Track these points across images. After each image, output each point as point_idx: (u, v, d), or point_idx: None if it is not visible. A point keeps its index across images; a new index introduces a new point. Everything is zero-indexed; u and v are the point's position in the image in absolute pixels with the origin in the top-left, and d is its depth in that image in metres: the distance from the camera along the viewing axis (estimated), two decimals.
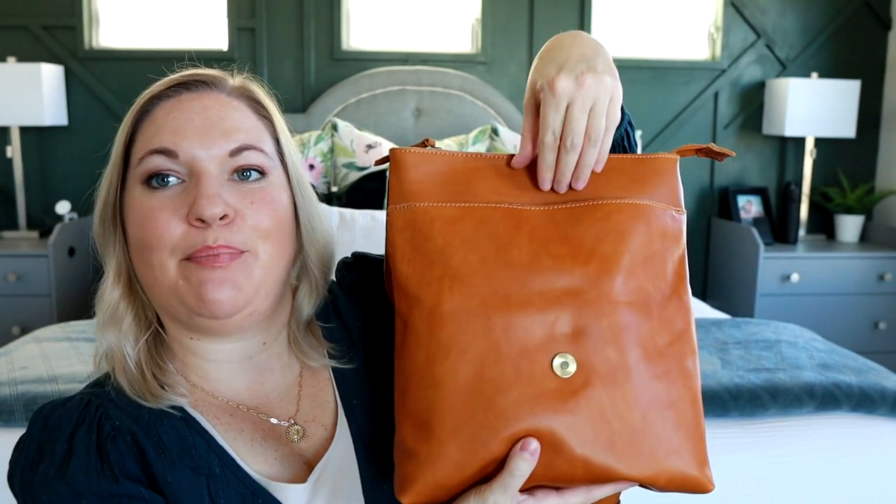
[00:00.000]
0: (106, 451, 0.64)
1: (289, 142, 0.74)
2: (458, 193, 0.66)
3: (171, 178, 0.66)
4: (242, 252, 0.66)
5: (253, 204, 0.67)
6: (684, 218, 0.68)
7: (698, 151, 0.69)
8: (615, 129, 0.66)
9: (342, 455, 0.71)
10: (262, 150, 0.70)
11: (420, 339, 0.62)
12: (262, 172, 0.69)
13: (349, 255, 0.84)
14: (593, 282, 0.62)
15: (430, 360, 0.61)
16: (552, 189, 0.67)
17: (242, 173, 0.68)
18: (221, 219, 0.65)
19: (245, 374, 0.73)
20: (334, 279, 0.82)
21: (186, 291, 0.65)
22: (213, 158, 0.67)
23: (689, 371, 0.64)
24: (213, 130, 0.68)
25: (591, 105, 0.63)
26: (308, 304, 0.76)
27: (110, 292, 0.70)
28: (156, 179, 0.67)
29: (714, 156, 0.69)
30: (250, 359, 0.74)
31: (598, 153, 0.65)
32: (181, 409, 0.69)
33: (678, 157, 0.69)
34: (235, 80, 0.73)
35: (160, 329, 0.73)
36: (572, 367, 0.60)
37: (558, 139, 0.64)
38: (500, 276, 0.62)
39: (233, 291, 0.65)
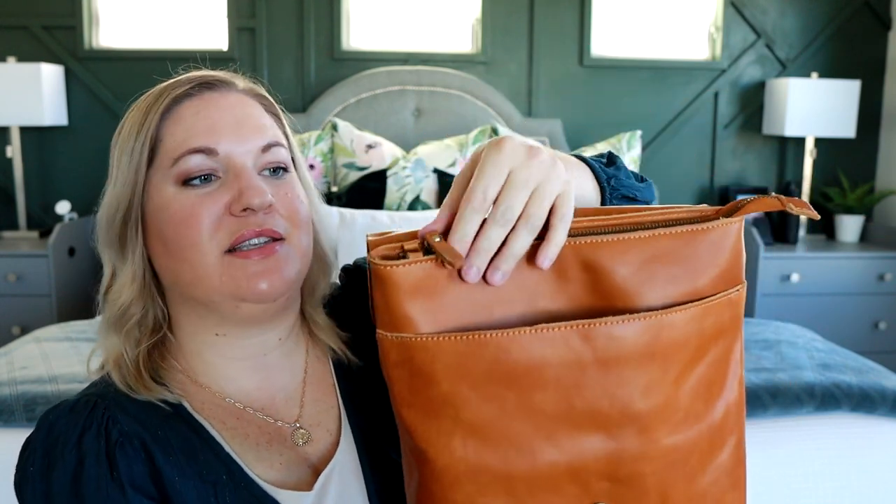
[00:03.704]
0: (115, 458, 0.64)
1: (293, 139, 0.76)
2: (463, 314, 0.52)
3: (210, 176, 0.67)
4: (282, 239, 0.67)
5: (286, 196, 0.69)
6: (744, 291, 0.56)
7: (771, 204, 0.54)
8: (564, 230, 0.53)
9: (347, 463, 0.71)
10: (285, 147, 0.72)
11: (433, 499, 0.55)
12: (285, 169, 0.71)
13: (350, 263, 0.84)
14: (637, 428, 0.52)
15: None
16: (459, 275, 0.51)
17: (272, 170, 0.70)
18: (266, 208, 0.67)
19: (256, 373, 0.74)
20: (338, 282, 0.83)
21: (232, 284, 0.66)
22: (249, 154, 0.68)
23: (741, 477, 0.59)
24: (245, 127, 0.69)
25: (536, 184, 0.52)
26: (322, 282, 0.77)
27: (126, 294, 0.69)
28: (196, 178, 0.67)
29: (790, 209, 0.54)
30: (264, 356, 0.74)
31: (535, 247, 0.52)
32: (187, 414, 0.69)
33: (741, 220, 0.54)
34: (243, 82, 0.74)
35: (168, 332, 0.73)
36: None
37: (488, 204, 0.51)
38: (521, 429, 0.52)
39: (279, 278, 0.66)
